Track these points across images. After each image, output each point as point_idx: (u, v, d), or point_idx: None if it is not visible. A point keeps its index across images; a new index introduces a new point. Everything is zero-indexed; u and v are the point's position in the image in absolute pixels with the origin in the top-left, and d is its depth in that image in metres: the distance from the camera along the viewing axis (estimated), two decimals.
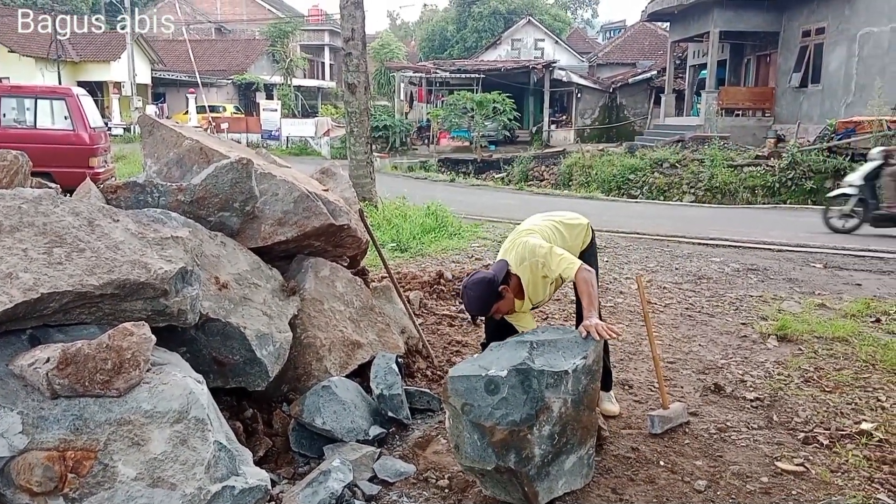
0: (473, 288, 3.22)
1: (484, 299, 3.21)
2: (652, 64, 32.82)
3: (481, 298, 3.21)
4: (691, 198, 16.41)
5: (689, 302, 6.40)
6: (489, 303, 3.22)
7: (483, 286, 3.22)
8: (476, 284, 3.22)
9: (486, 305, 3.22)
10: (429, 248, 8.29)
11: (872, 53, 18.47)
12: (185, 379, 2.38)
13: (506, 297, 3.26)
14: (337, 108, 35.07)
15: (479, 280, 3.23)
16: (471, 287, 3.23)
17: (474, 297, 3.22)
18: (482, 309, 3.26)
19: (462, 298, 3.33)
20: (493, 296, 3.21)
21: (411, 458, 3.32)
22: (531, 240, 3.37)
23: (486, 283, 3.22)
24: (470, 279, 3.27)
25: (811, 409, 4.06)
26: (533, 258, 3.30)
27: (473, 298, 3.22)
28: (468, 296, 3.24)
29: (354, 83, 9.68)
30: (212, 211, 3.48)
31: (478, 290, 3.22)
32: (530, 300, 3.45)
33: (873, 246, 9.23)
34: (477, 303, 3.23)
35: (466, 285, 3.26)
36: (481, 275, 3.28)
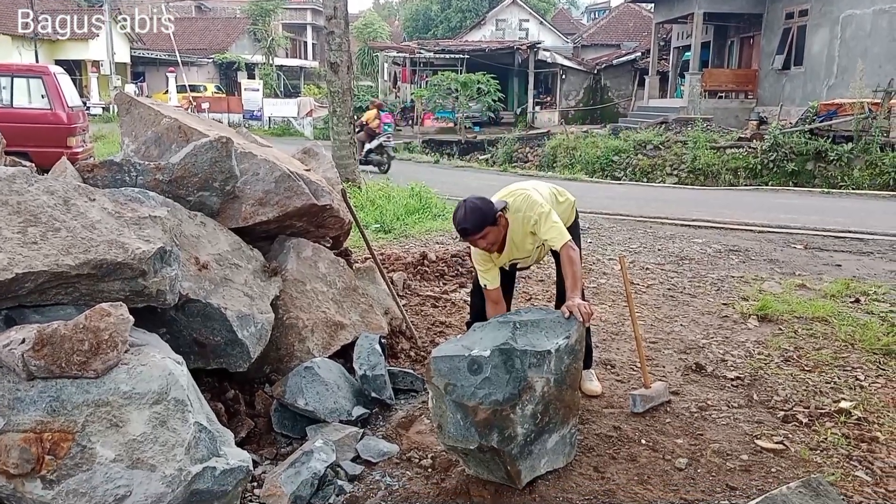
0: (474, 201, 3.16)
1: (481, 214, 3.13)
2: (636, 45, 32.77)
3: (479, 212, 3.13)
4: (674, 179, 16.47)
5: (672, 283, 6.44)
6: (484, 221, 3.14)
7: (484, 203, 3.17)
8: (478, 199, 3.18)
9: (481, 222, 3.14)
10: (412, 230, 8.26)
11: (854, 36, 18.55)
12: (164, 360, 2.35)
13: (499, 225, 3.22)
14: (320, 88, 34.71)
15: (480, 198, 3.19)
16: (471, 200, 3.17)
17: (472, 208, 3.14)
18: (476, 224, 3.14)
19: (457, 213, 3.18)
20: (490, 216, 3.15)
21: (394, 438, 3.32)
22: (533, 195, 3.35)
23: (487, 202, 3.17)
24: (468, 197, 3.21)
25: (791, 387, 4.11)
26: (529, 212, 3.28)
27: (471, 210, 3.13)
28: (466, 207, 3.15)
29: (337, 62, 9.57)
30: (191, 190, 3.43)
31: (478, 204, 3.15)
32: (508, 254, 3.41)
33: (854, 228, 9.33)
34: (473, 216, 3.13)
35: (466, 199, 3.19)
36: (481, 196, 3.23)
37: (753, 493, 2.94)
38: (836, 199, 13.11)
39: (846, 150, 14.85)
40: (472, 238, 3.22)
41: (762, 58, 22.80)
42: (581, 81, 31.38)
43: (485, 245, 3.27)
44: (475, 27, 38.84)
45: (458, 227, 3.20)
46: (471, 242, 3.30)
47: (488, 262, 3.44)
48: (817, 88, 19.57)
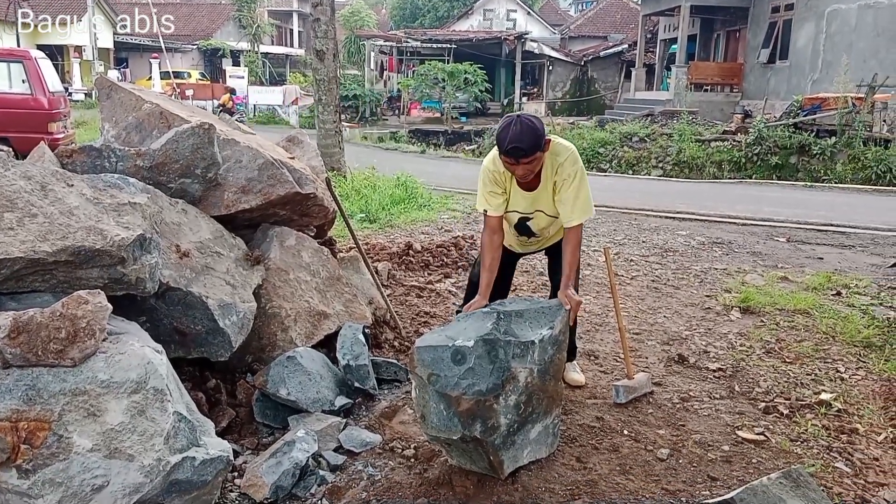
0: (529, 119, 2.95)
1: (536, 135, 2.91)
2: (623, 37, 32.82)
3: (535, 132, 2.91)
4: (659, 172, 16.54)
5: (656, 274, 6.46)
6: (539, 144, 2.93)
7: (539, 122, 2.97)
8: (532, 117, 2.97)
9: (536, 144, 2.92)
10: (398, 220, 8.23)
11: (839, 30, 18.69)
12: (143, 349, 2.31)
13: (544, 153, 3.02)
14: (305, 76, 34.42)
15: (534, 116, 3.00)
16: (525, 117, 2.95)
17: (529, 127, 2.91)
18: (532, 145, 2.91)
19: (509, 128, 2.90)
20: (543, 139, 2.94)
21: (377, 428, 3.31)
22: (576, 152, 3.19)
23: (540, 122, 2.98)
24: (521, 113, 3.00)
25: (772, 379, 4.13)
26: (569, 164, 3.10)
27: (528, 128, 2.90)
28: (522, 124, 2.91)
29: (323, 50, 9.49)
30: (172, 177, 3.38)
31: (535, 123, 2.94)
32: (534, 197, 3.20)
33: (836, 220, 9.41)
34: (531, 135, 2.90)
35: (519, 115, 2.97)
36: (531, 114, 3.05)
37: (734, 483, 2.95)
38: (819, 192, 13.22)
39: (829, 145, 14.99)
40: (523, 160, 2.95)
41: (748, 51, 22.93)
42: (568, 73, 31.41)
43: (524, 173, 3.03)
44: (463, 17, 38.70)
45: (511, 145, 2.89)
46: (515, 166, 3.00)
47: (499, 187, 3.20)
48: (802, 83, 19.71)
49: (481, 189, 3.25)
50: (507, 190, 3.21)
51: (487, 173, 3.21)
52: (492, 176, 3.19)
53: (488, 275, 3.23)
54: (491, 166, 3.20)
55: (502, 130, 2.95)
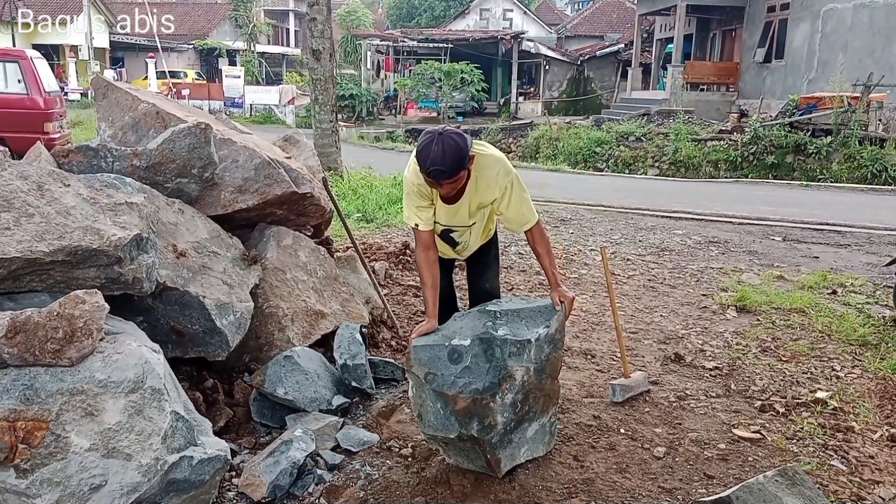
0: (452, 138, 2.66)
1: (460, 155, 2.65)
2: (619, 37, 32.84)
3: (458, 152, 2.64)
4: (656, 171, 16.56)
5: (652, 273, 6.47)
6: (462, 163, 2.67)
7: (462, 140, 2.68)
8: (455, 135, 2.68)
9: (459, 164, 2.66)
10: (395, 219, 8.23)
11: (835, 30, 18.72)
12: (140, 348, 2.31)
13: (468, 167, 2.77)
14: (302, 75, 34.35)
15: (456, 132, 2.71)
16: (448, 136, 2.66)
17: (452, 147, 2.63)
18: (455, 167, 2.65)
19: (430, 149, 2.63)
20: (466, 156, 2.68)
21: (375, 427, 3.31)
22: (505, 160, 2.98)
23: (463, 138, 2.69)
24: (443, 129, 2.71)
25: (768, 378, 4.15)
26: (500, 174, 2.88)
27: (450, 149, 2.63)
28: (444, 144, 2.62)
29: (319, 49, 9.48)
30: (169, 177, 3.38)
31: (457, 142, 2.65)
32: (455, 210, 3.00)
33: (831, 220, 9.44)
34: (453, 156, 2.63)
35: (441, 133, 2.67)
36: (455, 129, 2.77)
37: (730, 481, 2.97)
38: (814, 191, 13.25)
39: (825, 144, 15.02)
40: (446, 182, 2.71)
41: (744, 51, 22.96)
42: (564, 72, 31.41)
43: (448, 191, 2.81)
44: (459, 16, 38.68)
45: (433, 167, 2.64)
46: (438, 186, 2.77)
47: (425, 200, 2.96)
48: (798, 82, 19.74)
49: (407, 203, 3.03)
50: (433, 202, 2.99)
51: (412, 186, 2.97)
52: (416, 189, 2.95)
53: (432, 293, 3.02)
54: (415, 179, 2.93)
55: (423, 148, 2.68)
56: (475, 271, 3.54)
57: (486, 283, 3.50)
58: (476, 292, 3.56)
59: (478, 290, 3.53)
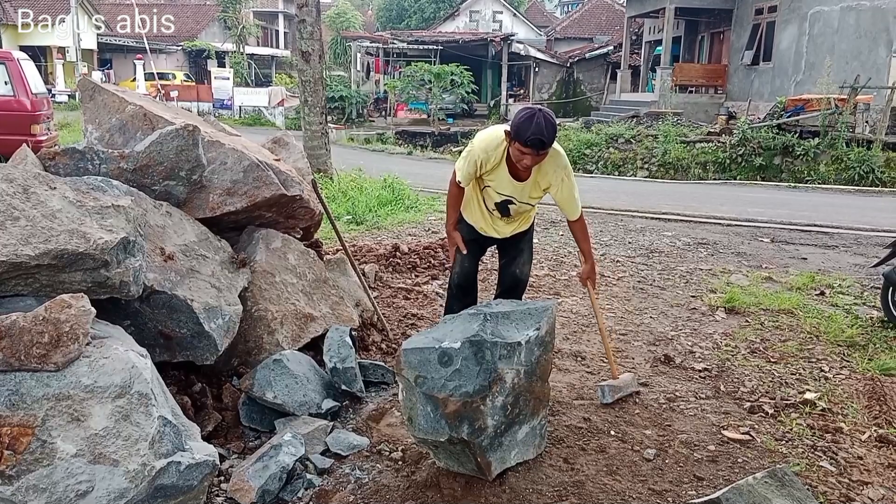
0: (549, 114, 3.15)
1: (556, 128, 3.15)
2: (608, 39, 32.97)
3: (555, 128, 3.14)
4: (645, 173, 16.62)
5: (642, 275, 6.49)
6: (555, 135, 3.16)
7: (554, 117, 3.21)
8: (550, 113, 3.18)
9: (554, 136, 3.14)
10: (385, 221, 8.22)
11: (822, 32, 18.88)
12: (127, 353, 2.29)
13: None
14: (291, 77, 34.27)
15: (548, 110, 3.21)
16: (546, 112, 3.14)
17: (550, 121, 3.11)
18: (552, 136, 3.12)
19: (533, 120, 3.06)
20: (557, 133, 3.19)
21: (365, 431, 3.30)
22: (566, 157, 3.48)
23: (554, 117, 3.22)
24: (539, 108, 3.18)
25: (757, 379, 4.16)
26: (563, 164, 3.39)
27: (549, 122, 3.10)
28: (544, 117, 3.09)
29: (308, 51, 9.46)
30: (157, 179, 3.36)
31: (552, 118, 3.15)
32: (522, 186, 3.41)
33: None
34: (552, 129, 3.10)
35: (540, 109, 3.14)
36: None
37: (720, 483, 2.97)
38: (802, 193, 13.34)
39: (813, 145, 15.13)
40: (542, 152, 3.15)
41: (732, 53, 23.11)
42: (554, 74, 31.51)
43: (531, 163, 3.20)
44: (449, 18, 38.71)
45: (535, 136, 3.06)
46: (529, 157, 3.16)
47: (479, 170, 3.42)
48: (785, 84, 19.89)
49: (464, 164, 3.45)
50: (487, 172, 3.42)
51: (477, 154, 3.38)
52: (479, 158, 3.37)
53: (454, 213, 3.70)
54: (483, 153, 3.36)
55: (525, 121, 3.08)
56: (508, 255, 3.80)
57: (516, 269, 3.79)
58: (505, 277, 3.83)
59: (507, 275, 3.82)
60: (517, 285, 3.85)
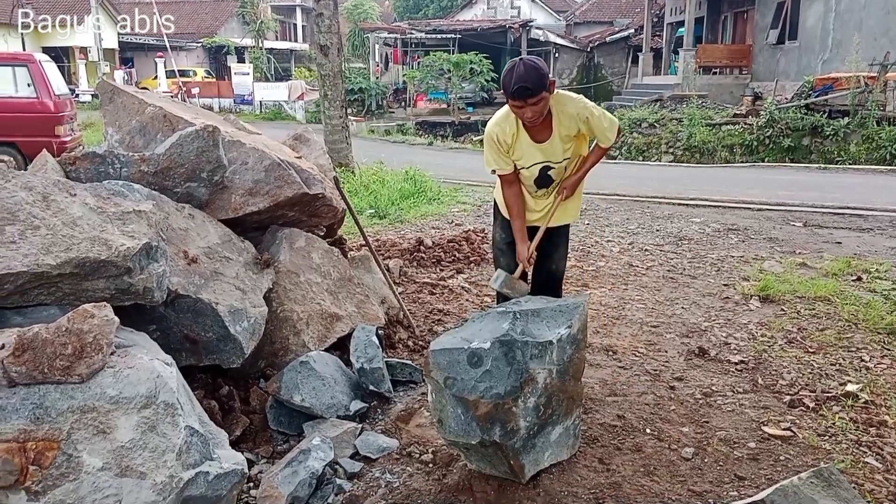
0: (530, 59, 3.03)
1: (540, 74, 2.97)
2: (629, 22, 32.50)
3: (538, 70, 2.97)
4: (670, 157, 16.36)
5: (671, 264, 6.35)
6: (543, 82, 2.98)
7: (542, 62, 3.05)
8: (536, 59, 3.05)
9: (541, 82, 2.97)
10: (407, 214, 8.15)
11: (849, 8, 18.38)
12: (152, 361, 2.25)
13: (549, 95, 3.08)
14: (311, 70, 34.29)
15: (538, 58, 3.07)
16: (528, 59, 3.03)
17: (531, 66, 2.97)
18: (537, 83, 2.96)
19: (513, 71, 2.98)
20: (547, 78, 3.00)
21: (394, 432, 3.24)
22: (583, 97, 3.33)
23: (543, 62, 3.08)
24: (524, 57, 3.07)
25: (796, 370, 4.04)
26: (578, 104, 3.22)
27: (530, 67, 2.96)
28: (524, 64, 2.97)
29: (327, 44, 9.39)
30: (178, 182, 3.32)
31: (536, 63, 3.01)
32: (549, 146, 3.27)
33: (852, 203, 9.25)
34: (535, 73, 2.95)
35: (522, 59, 3.03)
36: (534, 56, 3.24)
37: (762, 482, 2.87)
38: (833, 174, 13.03)
39: (842, 125, 14.76)
40: (530, 100, 2.99)
41: (756, 32, 22.62)
42: (574, 59, 31.16)
43: (532, 115, 3.07)
44: (466, 6, 38.45)
45: (517, 85, 2.95)
46: (523, 108, 3.04)
47: (503, 148, 3.29)
48: (812, 63, 19.43)
49: (487, 152, 3.37)
50: (512, 149, 3.30)
51: (492, 136, 3.31)
52: (496, 138, 3.28)
53: (519, 222, 3.42)
54: (495, 129, 3.28)
55: (506, 74, 3.02)
56: (544, 250, 3.60)
57: (552, 264, 3.65)
58: (541, 272, 3.67)
59: (543, 271, 3.66)
60: (552, 281, 3.70)
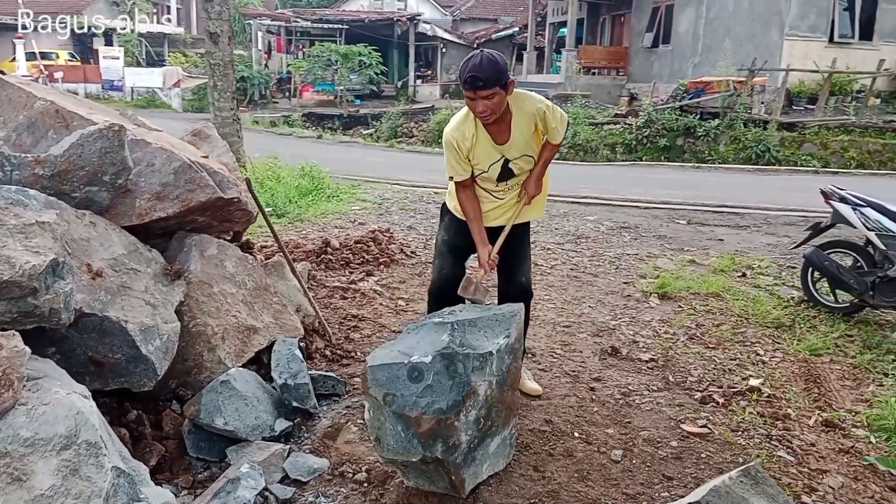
0: (491, 53, 2.95)
1: (498, 68, 2.90)
2: (513, 20, 33.19)
3: (496, 65, 2.90)
4: (557, 155, 16.84)
5: (573, 262, 6.52)
6: (500, 77, 2.91)
7: (502, 58, 2.99)
8: (496, 54, 2.97)
9: (497, 76, 2.90)
10: (307, 213, 7.89)
11: (718, 15, 19.65)
12: (69, 396, 2.00)
13: (507, 93, 3.01)
14: (186, 56, 32.64)
15: (498, 54, 2.99)
16: (487, 51, 2.95)
17: (490, 59, 2.90)
18: (491, 77, 2.88)
19: (470, 60, 2.91)
20: (505, 74, 2.94)
21: (323, 451, 3.09)
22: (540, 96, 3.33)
23: (502, 57, 3.01)
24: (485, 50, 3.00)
25: (701, 367, 4.23)
26: (535, 101, 3.20)
27: (489, 60, 2.89)
28: (483, 56, 2.90)
29: (217, 32, 8.90)
30: (77, 186, 3.00)
31: (496, 57, 2.94)
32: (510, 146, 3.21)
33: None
34: (491, 66, 2.88)
35: (483, 50, 2.97)
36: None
37: (689, 481, 2.97)
38: (706, 173, 13.90)
39: (713, 126, 15.75)
40: (482, 92, 2.92)
41: (632, 36, 23.74)
42: (461, 55, 31.25)
43: (482, 109, 2.99)
44: None
45: (470, 74, 2.89)
46: (475, 101, 2.97)
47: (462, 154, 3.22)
48: (684, 66, 20.63)
49: (448, 159, 3.28)
50: (471, 153, 3.23)
51: (450, 141, 3.23)
52: (456, 146, 3.21)
53: (477, 225, 3.34)
54: (455, 134, 3.21)
55: (464, 63, 2.98)
56: (511, 263, 3.52)
57: (522, 277, 3.54)
58: (511, 287, 3.54)
59: (513, 285, 3.54)
60: (523, 295, 3.53)
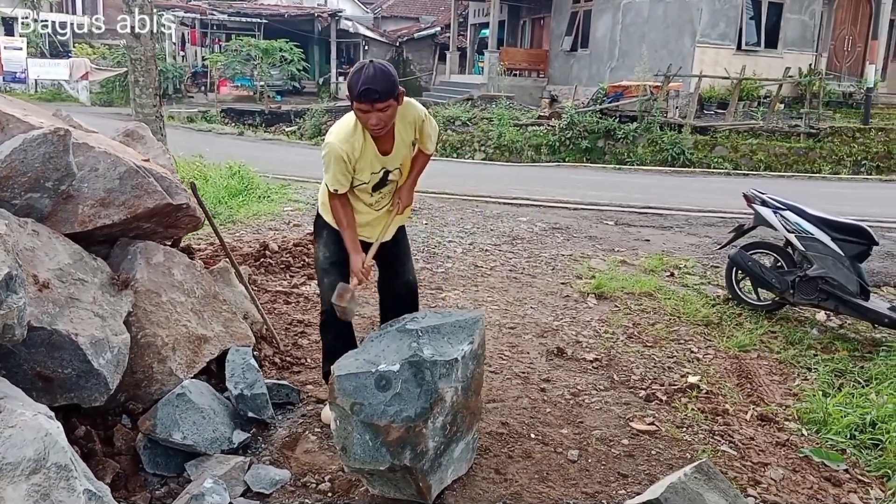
0: (382, 63, 2.91)
1: (391, 80, 2.86)
2: (434, 20, 33.30)
3: (390, 76, 2.86)
4: (482, 155, 17.03)
5: (511, 263, 6.63)
6: (393, 89, 2.86)
7: (393, 68, 2.95)
8: (386, 64, 2.94)
9: (391, 88, 2.85)
10: (238, 214, 7.70)
11: (634, 22, 20.36)
12: (36, 418, 1.90)
13: (400, 102, 2.99)
14: (93, 47, 31.04)
15: (388, 63, 2.96)
16: (378, 62, 2.91)
17: (383, 70, 2.85)
18: (386, 89, 2.83)
19: (362, 72, 2.83)
20: (397, 86, 2.90)
21: (282, 461, 3.04)
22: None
23: (393, 68, 2.96)
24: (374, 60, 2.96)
25: (642, 365, 4.40)
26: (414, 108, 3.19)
27: (382, 71, 2.84)
28: (375, 67, 2.84)
29: (139, 26, 8.53)
30: (17, 192, 2.84)
31: (389, 68, 2.90)
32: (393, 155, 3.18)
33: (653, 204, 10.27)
34: (385, 78, 2.83)
35: (371, 61, 2.92)
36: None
37: (643, 478, 3.09)
38: (625, 174, 14.39)
39: (631, 129, 16.30)
40: (378, 105, 2.85)
41: (552, 39, 24.27)
42: (383, 53, 31.24)
43: (376, 122, 2.91)
44: None
45: (365, 87, 2.80)
46: (369, 113, 2.89)
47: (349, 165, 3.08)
48: (601, 70, 21.26)
49: (333, 169, 3.08)
50: (357, 164, 3.11)
51: (340, 155, 3.04)
52: (345, 158, 3.05)
53: (350, 231, 3.23)
54: (344, 147, 3.04)
55: (354, 74, 2.88)
56: (395, 262, 3.52)
57: (409, 275, 3.56)
58: (398, 287, 3.55)
59: (400, 285, 3.55)
60: (412, 294, 3.59)
